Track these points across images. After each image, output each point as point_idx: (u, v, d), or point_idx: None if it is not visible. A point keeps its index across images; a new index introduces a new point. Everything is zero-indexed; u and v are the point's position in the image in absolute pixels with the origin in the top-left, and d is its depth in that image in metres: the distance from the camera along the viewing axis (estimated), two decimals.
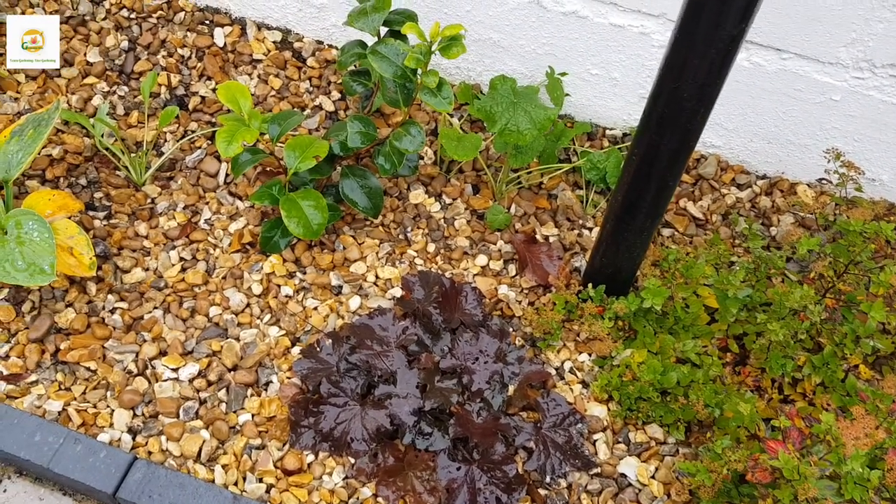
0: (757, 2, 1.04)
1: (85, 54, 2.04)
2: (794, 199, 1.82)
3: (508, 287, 1.74)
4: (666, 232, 1.85)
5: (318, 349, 1.55)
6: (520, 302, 1.72)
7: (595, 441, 1.54)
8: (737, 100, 1.81)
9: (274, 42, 2.10)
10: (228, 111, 1.92)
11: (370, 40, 1.66)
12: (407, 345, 1.53)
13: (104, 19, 2.10)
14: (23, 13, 2.07)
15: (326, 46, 2.09)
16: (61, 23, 2.07)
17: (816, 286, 1.54)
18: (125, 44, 2.06)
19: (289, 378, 1.56)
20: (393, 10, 1.60)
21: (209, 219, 1.81)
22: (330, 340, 1.55)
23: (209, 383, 1.56)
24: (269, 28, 2.11)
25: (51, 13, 2.08)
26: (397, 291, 1.71)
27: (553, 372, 1.62)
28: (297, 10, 2.04)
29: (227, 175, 1.88)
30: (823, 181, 1.89)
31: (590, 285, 1.63)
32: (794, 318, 1.47)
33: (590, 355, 1.64)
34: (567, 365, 1.63)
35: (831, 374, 1.51)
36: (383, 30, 1.61)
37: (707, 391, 1.46)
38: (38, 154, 1.75)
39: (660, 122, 1.24)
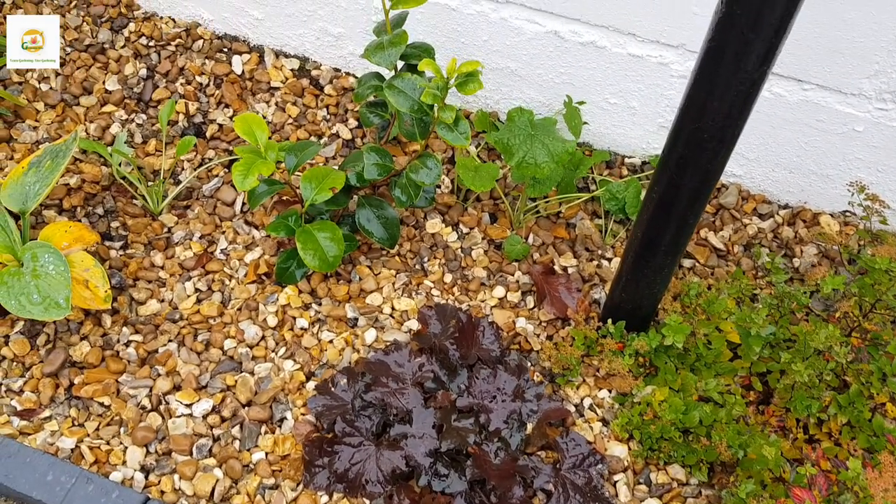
0: (779, 46, 1.01)
1: (104, 82, 2.05)
2: (817, 231, 1.78)
3: (526, 320, 1.71)
4: (687, 263, 1.82)
5: (332, 386, 1.53)
6: (538, 335, 1.70)
7: (616, 482, 1.51)
8: (758, 130, 1.78)
9: (292, 70, 2.09)
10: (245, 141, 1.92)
11: (388, 73, 1.65)
12: (423, 382, 1.51)
13: (123, 47, 2.11)
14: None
15: (344, 74, 2.08)
16: (80, 51, 2.08)
17: (842, 325, 1.50)
18: (143, 71, 2.07)
19: (303, 415, 1.54)
20: (410, 44, 1.59)
21: (225, 248, 1.80)
22: (345, 377, 1.53)
23: (223, 420, 1.55)
24: (286, 56, 2.10)
25: (72, 41, 2.09)
26: (413, 323, 1.69)
27: (572, 409, 1.59)
28: (315, 38, 2.03)
29: (243, 204, 1.87)
30: (847, 213, 1.85)
31: (609, 321, 1.60)
32: (818, 357, 1.43)
33: (610, 392, 1.61)
34: (587, 402, 1.60)
35: (858, 413, 1.48)
36: (400, 63, 1.60)
37: (730, 431, 1.43)
38: (56, 184, 1.75)
39: (679, 161, 1.22)
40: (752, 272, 1.80)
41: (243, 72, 2.09)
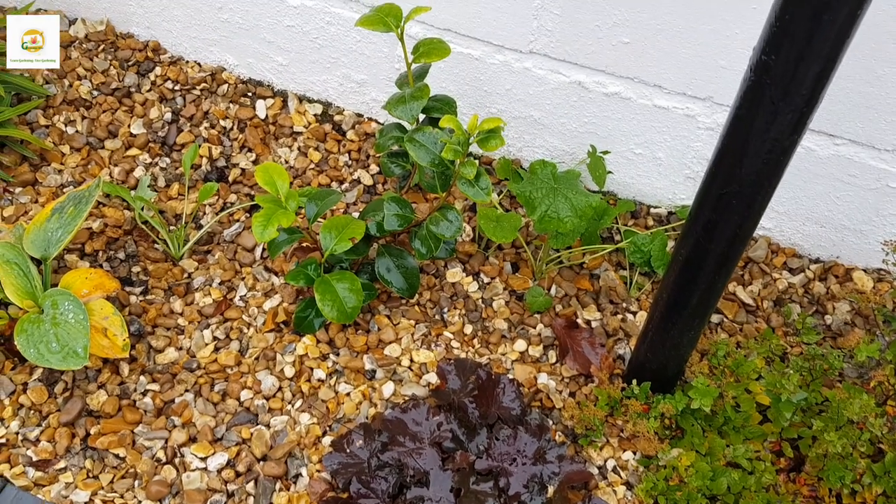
0: (811, 114, 0.98)
1: (129, 126, 2.06)
2: (850, 287, 1.73)
3: (548, 375, 1.67)
4: (715, 318, 1.77)
5: (348, 444, 1.50)
6: (560, 392, 1.66)
7: None
8: (788, 183, 1.74)
9: (315, 115, 2.09)
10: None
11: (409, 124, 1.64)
12: (441, 441, 1.47)
13: (149, 91, 2.13)
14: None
15: (366, 119, 2.08)
16: (107, 95, 2.10)
17: (877, 392, 1.45)
18: (168, 115, 2.08)
19: (318, 472, 1.51)
20: (432, 97, 1.58)
21: (244, 295, 1.79)
22: (362, 434, 1.50)
23: (237, 474, 1.52)
24: (310, 101, 2.11)
25: (98, 84, 2.11)
26: (432, 377, 1.66)
27: (595, 471, 1.54)
28: (339, 84, 2.03)
29: (263, 249, 1.86)
30: (882, 271, 1.80)
31: (634, 381, 1.56)
32: (852, 427, 1.38)
33: (634, 453, 1.56)
34: (610, 463, 1.55)
35: (893, 484, 1.42)
36: (421, 116, 1.59)
37: (759, 501, 1.37)
38: (78, 231, 1.75)
39: (707, 225, 1.18)
40: (781, 329, 1.75)
41: (267, 116, 2.09)
